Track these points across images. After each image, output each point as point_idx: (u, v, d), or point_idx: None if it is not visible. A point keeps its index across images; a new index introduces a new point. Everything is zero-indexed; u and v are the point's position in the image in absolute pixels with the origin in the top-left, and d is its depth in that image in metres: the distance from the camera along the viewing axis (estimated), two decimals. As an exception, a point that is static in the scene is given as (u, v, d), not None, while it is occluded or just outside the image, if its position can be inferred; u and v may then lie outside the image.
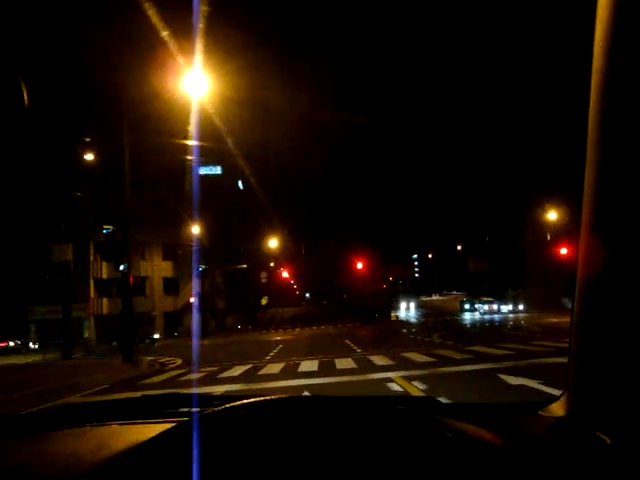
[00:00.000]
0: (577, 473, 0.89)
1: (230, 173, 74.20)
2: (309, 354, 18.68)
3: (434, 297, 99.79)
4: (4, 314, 42.41)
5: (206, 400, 1.50)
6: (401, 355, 15.62)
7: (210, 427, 0.89)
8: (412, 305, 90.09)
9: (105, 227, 24.35)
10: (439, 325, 37.90)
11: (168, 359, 21.87)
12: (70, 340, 24.66)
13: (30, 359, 25.75)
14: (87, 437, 1.21)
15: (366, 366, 13.35)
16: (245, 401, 0.97)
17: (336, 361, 15.16)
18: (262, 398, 0.99)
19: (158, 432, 0.91)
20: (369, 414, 0.95)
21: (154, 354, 24.94)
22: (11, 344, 36.20)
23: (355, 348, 20.07)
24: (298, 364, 15.29)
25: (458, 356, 14.21)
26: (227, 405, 0.95)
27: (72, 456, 1.05)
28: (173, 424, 0.98)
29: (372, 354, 16.57)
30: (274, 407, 0.97)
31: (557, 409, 1.23)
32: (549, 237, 49.56)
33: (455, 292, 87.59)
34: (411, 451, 0.83)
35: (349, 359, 15.62)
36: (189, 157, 57.66)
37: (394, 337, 27.64)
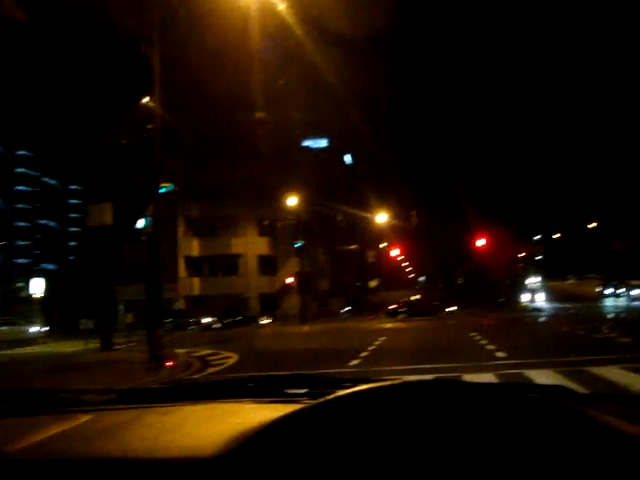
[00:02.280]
0: None
1: (337, 146, 68.75)
2: (419, 358, 12.02)
3: (564, 281, 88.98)
4: (90, 294, 38.80)
5: (332, 382, 1.49)
6: (590, 373, 8.51)
7: (346, 409, 0.88)
8: (537, 289, 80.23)
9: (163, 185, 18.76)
10: (589, 315, 29.56)
11: (221, 355, 15.95)
12: (111, 327, 19.52)
13: (71, 348, 20.99)
14: (215, 412, 1.30)
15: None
16: (382, 384, 0.92)
17: (466, 379, 8.33)
18: (399, 381, 0.93)
19: (286, 411, 0.90)
20: (510, 401, 0.88)
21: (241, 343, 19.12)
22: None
23: (491, 349, 13.06)
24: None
25: None
26: (364, 387, 0.91)
27: (206, 429, 1.09)
28: (299, 405, 0.98)
29: (528, 366, 9.58)
30: (414, 390, 0.90)
31: None
32: None
33: (592, 275, 77.06)
34: (553, 443, 0.80)
35: (491, 376, 8.82)
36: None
37: (538, 331, 20.19)
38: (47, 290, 35.64)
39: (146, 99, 14.05)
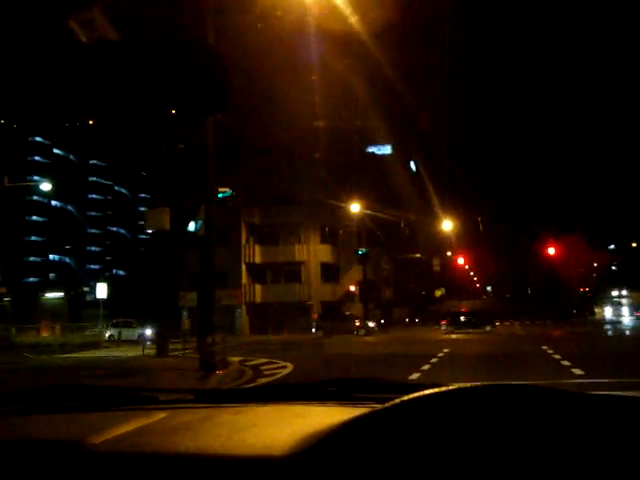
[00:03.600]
0: None
1: (401, 153, 67.75)
2: (487, 374, 11.00)
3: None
4: (152, 300, 39.11)
5: (401, 387, 1.49)
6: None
7: (414, 412, 0.87)
8: (615, 302, 76.17)
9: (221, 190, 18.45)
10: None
11: (277, 364, 15.33)
12: (166, 333, 19.24)
13: (131, 353, 20.92)
14: (285, 413, 1.33)
15: None
16: (450, 387, 0.92)
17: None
18: (471, 384, 0.91)
19: (354, 415, 0.91)
20: (595, 411, 0.85)
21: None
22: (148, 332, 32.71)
23: (567, 366, 11.88)
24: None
25: None
26: (432, 390, 0.90)
27: (276, 429, 1.11)
28: (367, 408, 1.00)
29: (610, 386, 8.47)
30: (485, 394, 0.89)
31: None
32: None
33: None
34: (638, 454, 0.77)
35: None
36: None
37: (618, 347, 18.67)
38: (111, 295, 36.24)
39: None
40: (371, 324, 37.69)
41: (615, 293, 69.76)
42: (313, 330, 38.36)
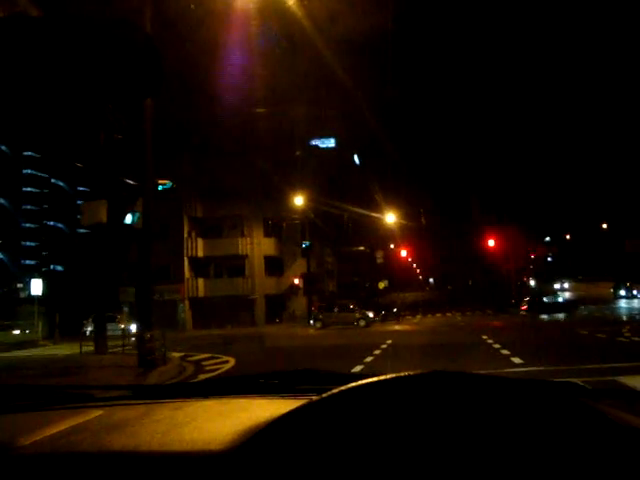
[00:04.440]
0: None
1: (344, 147, 67.99)
2: (429, 363, 11.06)
3: (576, 282, 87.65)
4: (92, 295, 37.91)
5: (342, 378, 1.44)
6: (622, 384, 7.53)
7: (352, 403, 0.86)
8: (549, 291, 78.83)
9: (161, 182, 17.94)
10: (606, 317, 28.48)
11: (219, 359, 15.05)
12: (104, 329, 18.60)
13: (68, 351, 20.15)
14: (226, 407, 1.30)
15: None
16: (388, 376, 0.90)
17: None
18: (404, 374, 0.90)
19: (292, 407, 0.90)
20: (521, 396, 0.85)
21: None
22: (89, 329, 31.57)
23: (506, 355, 12.08)
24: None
25: None
26: (370, 380, 0.89)
27: (217, 423, 1.11)
28: (306, 400, 0.97)
29: (548, 374, 8.62)
30: (422, 382, 0.88)
31: None
32: None
33: (606, 277, 75.74)
34: (567, 438, 0.78)
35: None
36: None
37: (555, 334, 19.17)
38: (47, 291, 34.83)
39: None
40: (371, 315, 35.93)
41: (549, 282, 72.24)
42: (311, 322, 36.49)
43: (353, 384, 0.87)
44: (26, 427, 1.14)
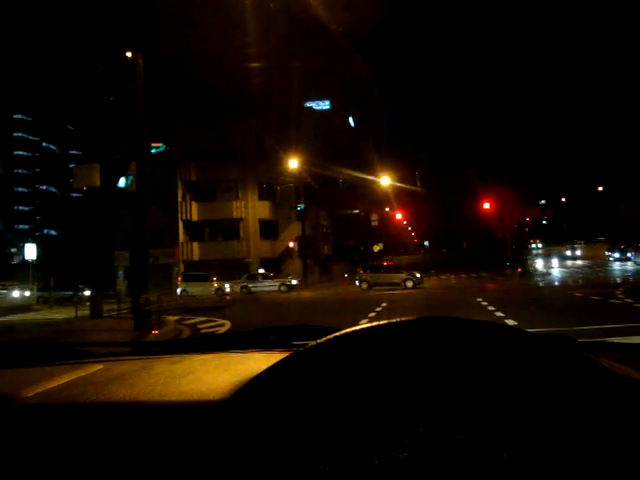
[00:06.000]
0: None
1: (340, 109, 67.21)
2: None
3: (572, 245, 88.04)
4: (87, 259, 37.81)
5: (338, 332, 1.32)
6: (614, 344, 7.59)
7: (342, 350, 0.86)
8: (545, 253, 79.31)
9: (154, 145, 17.67)
10: (600, 279, 28.68)
11: (214, 322, 15.13)
12: (100, 293, 18.57)
13: (63, 315, 20.19)
14: (223, 361, 1.35)
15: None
16: (381, 322, 0.88)
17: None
18: (385, 322, 0.88)
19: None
20: (514, 344, 0.83)
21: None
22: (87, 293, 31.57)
23: (501, 317, 12.16)
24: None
25: None
26: (359, 327, 0.88)
27: (214, 376, 1.14)
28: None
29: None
30: (403, 330, 0.86)
31: None
32: None
33: (601, 239, 76.13)
34: (561, 388, 0.78)
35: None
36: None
37: (549, 297, 19.29)
38: (42, 256, 34.72)
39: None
40: (418, 275, 33.95)
41: (545, 245, 72.47)
42: (356, 283, 34.89)
43: (347, 330, 0.87)
44: (28, 380, 1.17)
